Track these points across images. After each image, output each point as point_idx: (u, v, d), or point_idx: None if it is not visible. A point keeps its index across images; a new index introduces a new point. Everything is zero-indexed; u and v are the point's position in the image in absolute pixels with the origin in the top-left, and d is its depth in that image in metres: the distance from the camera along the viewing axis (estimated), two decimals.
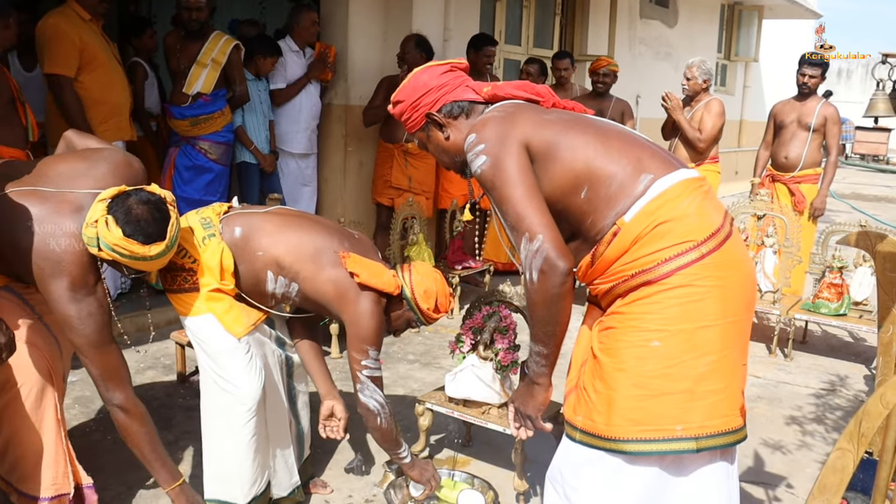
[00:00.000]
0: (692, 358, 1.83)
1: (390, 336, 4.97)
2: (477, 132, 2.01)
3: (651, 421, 1.84)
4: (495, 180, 1.93)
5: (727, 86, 13.28)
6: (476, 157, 1.97)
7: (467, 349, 3.15)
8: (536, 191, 1.90)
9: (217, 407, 2.74)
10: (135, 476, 3.18)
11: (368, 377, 2.72)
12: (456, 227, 5.83)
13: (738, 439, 1.90)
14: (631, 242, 1.88)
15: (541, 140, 1.96)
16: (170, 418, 3.74)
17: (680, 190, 1.88)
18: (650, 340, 1.84)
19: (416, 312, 2.80)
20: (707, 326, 1.83)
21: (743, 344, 1.93)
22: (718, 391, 1.84)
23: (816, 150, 5.91)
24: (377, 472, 3.31)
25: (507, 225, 1.92)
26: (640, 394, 1.85)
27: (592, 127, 2.02)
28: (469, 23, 7.02)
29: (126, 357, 2.71)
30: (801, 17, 13.94)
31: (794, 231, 5.29)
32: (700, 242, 1.84)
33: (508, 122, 1.99)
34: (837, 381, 4.76)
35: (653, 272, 1.85)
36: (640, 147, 1.97)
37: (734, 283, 1.87)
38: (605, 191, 1.91)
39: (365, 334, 2.67)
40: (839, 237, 3.15)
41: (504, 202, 1.91)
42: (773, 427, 4.01)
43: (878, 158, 22.75)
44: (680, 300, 1.83)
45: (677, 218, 1.85)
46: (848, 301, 5.04)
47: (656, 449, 1.84)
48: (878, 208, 12.98)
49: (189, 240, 2.67)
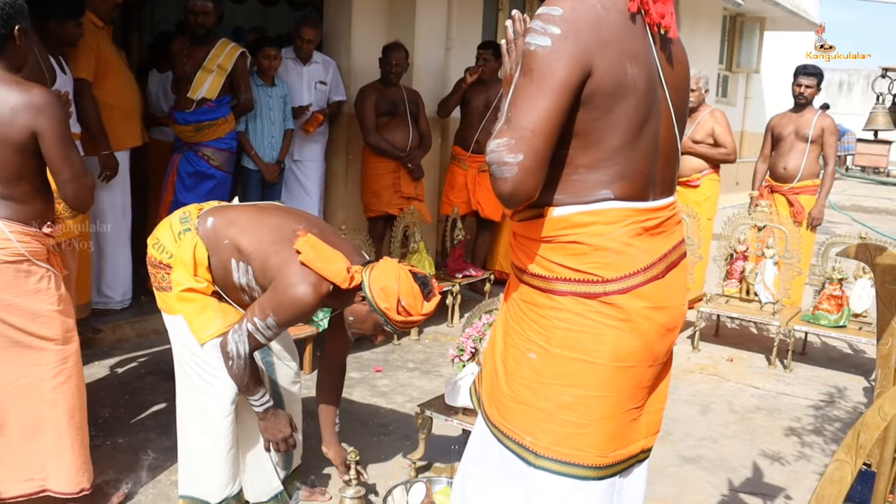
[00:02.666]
0: (560, 384, 1.75)
1: (390, 344, 5.05)
2: (565, 7, 1.65)
3: (508, 420, 1.82)
4: (536, 72, 1.64)
5: (728, 97, 13.30)
6: (544, 30, 1.64)
7: (467, 357, 3.15)
8: (561, 117, 1.64)
9: (192, 405, 2.77)
10: (133, 479, 3.18)
11: (249, 332, 2.59)
12: (457, 235, 5.84)
13: (584, 475, 1.77)
14: (543, 238, 1.76)
15: (607, 88, 1.66)
16: (169, 424, 3.72)
17: (616, 217, 1.72)
18: (529, 350, 1.78)
19: (379, 314, 2.64)
20: (586, 362, 1.73)
21: (636, 391, 1.80)
22: (578, 426, 1.75)
23: (814, 162, 5.96)
24: (375, 478, 3.31)
25: (506, 112, 1.68)
26: (507, 392, 1.82)
27: (644, 112, 1.73)
28: (471, 31, 7.05)
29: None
30: (802, 29, 13.98)
31: (794, 242, 5.30)
32: (606, 280, 1.71)
33: (604, 30, 1.66)
34: (837, 392, 4.76)
35: (550, 283, 1.75)
36: (644, 161, 1.76)
37: (629, 330, 1.73)
38: (574, 174, 1.73)
39: (278, 302, 2.56)
40: (839, 249, 3.16)
41: (523, 96, 1.65)
42: (772, 438, 4.01)
43: (878, 171, 22.74)
44: (566, 325, 1.73)
45: (595, 247, 1.71)
46: (848, 313, 5.04)
47: (506, 443, 1.83)
48: (879, 220, 12.99)
49: (167, 236, 2.73)
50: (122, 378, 4.24)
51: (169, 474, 3.27)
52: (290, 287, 2.55)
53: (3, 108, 2.42)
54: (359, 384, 4.41)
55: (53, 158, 2.49)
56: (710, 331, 5.81)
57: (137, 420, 3.77)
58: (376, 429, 3.82)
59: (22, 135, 2.43)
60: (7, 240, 2.51)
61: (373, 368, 4.66)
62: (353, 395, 4.25)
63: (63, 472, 2.74)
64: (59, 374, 2.69)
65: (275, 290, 2.58)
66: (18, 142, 2.44)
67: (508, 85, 1.76)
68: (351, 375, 4.51)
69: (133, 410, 3.87)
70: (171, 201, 5.13)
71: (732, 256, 5.55)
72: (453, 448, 3.55)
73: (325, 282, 2.58)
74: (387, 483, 3.23)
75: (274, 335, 2.63)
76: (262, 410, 2.73)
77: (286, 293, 2.55)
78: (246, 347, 2.61)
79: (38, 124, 2.43)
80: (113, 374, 4.30)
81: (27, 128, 2.43)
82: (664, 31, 1.75)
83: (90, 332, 4.51)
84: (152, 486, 3.17)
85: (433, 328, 5.57)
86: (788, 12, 12.51)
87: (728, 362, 5.23)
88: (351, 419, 3.92)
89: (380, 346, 5.05)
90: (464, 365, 3.17)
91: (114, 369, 4.37)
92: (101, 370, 4.33)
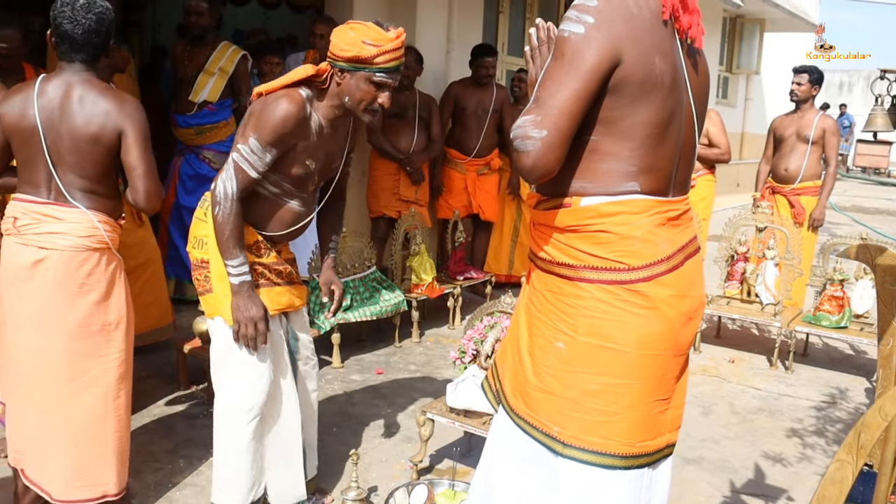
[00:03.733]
0: (587, 372, 1.80)
1: (391, 346, 5.06)
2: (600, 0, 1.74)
3: (535, 410, 1.86)
4: (567, 56, 1.71)
5: (728, 98, 13.31)
6: (578, 18, 1.72)
7: (469, 360, 3.16)
8: (587, 100, 1.73)
9: (219, 412, 2.78)
10: (136, 482, 3.19)
11: (234, 162, 2.53)
12: (457, 238, 5.85)
13: (612, 465, 1.82)
14: (568, 227, 1.82)
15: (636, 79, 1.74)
16: (170, 426, 3.74)
17: (640, 207, 1.80)
18: (556, 339, 1.83)
19: (359, 67, 2.52)
20: (612, 349, 1.79)
21: (662, 381, 1.85)
22: (605, 414, 1.80)
23: (816, 163, 5.96)
24: (377, 480, 3.31)
25: (535, 93, 1.77)
26: (534, 382, 1.86)
27: (670, 109, 1.81)
28: (471, 35, 7.05)
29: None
30: (802, 31, 13.98)
31: (795, 244, 5.30)
32: (632, 268, 1.78)
33: (636, 25, 1.75)
34: (838, 393, 4.77)
35: (576, 272, 1.81)
36: (668, 156, 1.83)
37: (654, 318, 1.80)
38: (603, 164, 1.79)
39: (256, 120, 2.52)
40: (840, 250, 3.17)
41: (553, 78, 1.73)
42: (773, 439, 4.01)
43: (878, 171, 22.78)
44: (593, 313, 1.79)
45: (621, 235, 1.78)
46: (849, 314, 5.04)
47: (533, 434, 1.87)
48: (879, 221, 12.99)
49: (198, 226, 2.76)
50: None
51: (170, 476, 3.27)
52: (265, 104, 2.53)
53: (98, 112, 2.62)
54: (360, 386, 4.41)
55: (132, 154, 2.66)
56: (711, 332, 5.81)
57: (140, 422, 3.77)
58: (378, 430, 3.82)
59: (112, 135, 2.64)
60: (95, 228, 2.70)
61: (374, 370, 4.66)
62: (354, 396, 4.25)
63: (118, 470, 2.83)
64: (123, 362, 2.82)
65: (253, 115, 2.55)
66: (109, 142, 2.65)
67: (532, 87, 1.86)
68: (352, 377, 4.52)
69: (135, 413, 3.87)
70: (172, 204, 5.13)
71: (733, 258, 5.55)
72: (455, 450, 3.56)
73: (296, 90, 2.56)
74: (388, 485, 3.23)
75: (259, 160, 2.54)
76: (238, 282, 2.59)
77: (264, 111, 2.52)
78: (233, 184, 2.54)
79: (125, 125, 2.64)
80: None
81: (116, 129, 2.63)
82: (691, 40, 1.85)
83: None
84: (154, 489, 3.17)
85: (434, 330, 5.57)
86: (788, 13, 12.51)
87: (729, 364, 5.23)
88: (352, 421, 3.92)
89: (381, 349, 5.06)
90: (465, 367, 3.17)
91: None
92: None
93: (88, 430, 2.75)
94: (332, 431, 3.78)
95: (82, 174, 2.66)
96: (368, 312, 4.80)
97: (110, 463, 2.79)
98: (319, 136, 2.67)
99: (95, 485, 2.78)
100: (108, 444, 2.79)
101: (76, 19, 2.58)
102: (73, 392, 2.71)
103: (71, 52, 2.63)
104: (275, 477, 2.90)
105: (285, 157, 2.62)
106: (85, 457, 2.76)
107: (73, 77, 2.64)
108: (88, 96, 2.62)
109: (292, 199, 2.75)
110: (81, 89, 2.62)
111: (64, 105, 2.61)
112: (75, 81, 2.64)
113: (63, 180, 2.66)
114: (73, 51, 2.63)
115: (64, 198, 2.67)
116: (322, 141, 2.69)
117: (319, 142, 2.68)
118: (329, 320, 4.55)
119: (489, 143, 6.28)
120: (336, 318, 4.61)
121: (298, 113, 2.54)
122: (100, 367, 2.75)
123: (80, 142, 2.62)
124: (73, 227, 2.67)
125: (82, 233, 2.67)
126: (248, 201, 2.66)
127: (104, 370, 2.76)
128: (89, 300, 2.71)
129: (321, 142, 2.69)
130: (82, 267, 2.68)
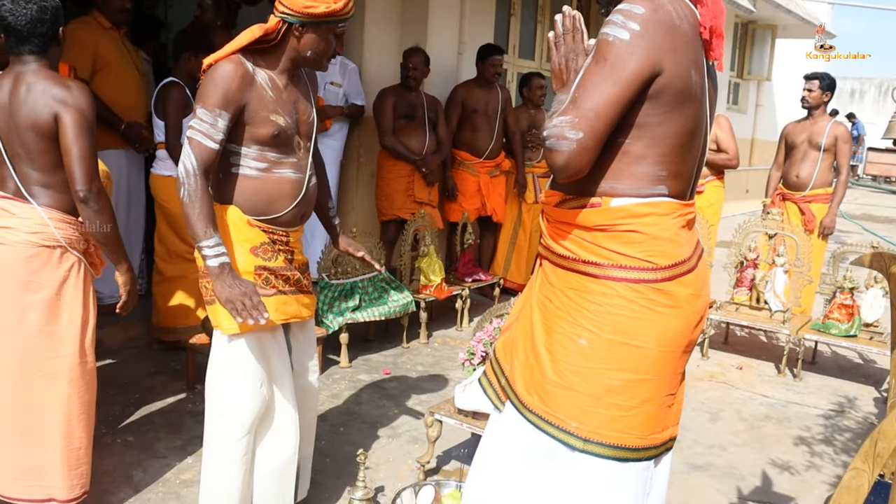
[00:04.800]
0: (609, 369, 1.84)
1: (399, 346, 5.06)
2: (647, 8, 1.76)
3: (553, 406, 1.88)
4: (610, 61, 1.74)
5: (739, 104, 13.29)
6: (624, 24, 1.74)
7: (478, 361, 3.15)
8: (624, 107, 1.76)
9: (211, 426, 2.70)
10: (143, 478, 3.19)
11: (189, 137, 2.43)
12: (466, 240, 5.84)
13: (625, 457, 1.87)
14: (597, 226, 1.86)
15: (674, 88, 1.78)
16: (179, 424, 3.75)
17: (668, 209, 1.86)
18: (579, 336, 1.86)
19: (320, 21, 2.48)
20: (635, 346, 1.84)
21: (674, 376, 1.92)
22: (624, 408, 1.85)
23: (827, 170, 5.94)
24: (384, 480, 3.31)
25: (572, 93, 1.78)
26: (553, 378, 1.89)
27: (698, 120, 1.87)
28: (483, 36, 7.05)
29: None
30: (814, 37, 13.95)
31: (805, 251, 5.28)
32: (660, 267, 1.84)
33: (677, 37, 1.78)
34: (846, 402, 4.74)
35: (604, 270, 1.85)
36: (692, 163, 1.91)
37: (675, 317, 1.87)
38: (635, 167, 1.83)
39: (200, 92, 2.45)
40: (852, 258, 3.15)
41: (593, 81, 1.75)
42: (781, 447, 3.99)
43: (889, 180, 22.70)
44: (619, 311, 1.84)
45: (651, 236, 1.84)
46: (858, 322, 5.02)
47: (548, 430, 1.89)
48: (890, 230, 12.93)
49: None
50: (132, 377, 4.25)
51: (178, 473, 3.28)
52: (204, 79, 2.47)
53: (39, 101, 2.57)
54: (367, 386, 4.41)
55: (66, 137, 2.57)
56: (719, 338, 5.79)
57: (148, 419, 3.78)
58: (385, 430, 3.82)
59: (50, 122, 2.57)
60: (44, 224, 2.64)
61: (381, 371, 4.66)
62: (361, 396, 4.25)
63: (67, 476, 2.73)
64: (76, 365, 2.72)
65: (198, 90, 2.50)
66: (49, 130, 2.58)
67: (556, 77, 1.91)
68: (360, 377, 4.52)
69: (143, 409, 3.88)
70: None
71: (743, 264, 5.54)
72: (463, 451, 3.56)
73: (236, 52, 2.49)
74: (395, 485, 3.23)
75: (211, 127, 2.42)
76: (218, 264, 2.39)
77: (203, 82, 2.47)
78: (192, 160, 2.41)
79: (60, 110, 2.56)
80: (123, 372, 4.31)
81: (52, 115, 2.57)
82: (713, 62, 1.92)
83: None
84: (161, 485, 3.18)
85: (442, 331, 5.57)
86: (800, 20, 12.48)
87: (737, 370, 5.22)
88: (359, 421, 3.92)
89: (389, 349, 5.07)
90: (474, 368, 3.17)
91: (124, 368, 4.38)
92: (112, 368, 4.35)
93: (34, 430, 2.69)
94: (339, 431, 3.78)
95: (35, 167, 2.63)
96: (377, 313, 4.80)
97: (58, 467, 2.72)
98: (275, 90, 2.56)
99: (41, 486, 2.71)
100: (56, 448, 2.71)
101: (17, 11, 2.57)
102: (19, 389, 2.66)
103: (18, 45, 2.61)
104: (264, 498, 2.78)
105: (247, 120, 2.51)
106: (30, 457, 2.70)
107: (23, 69, 2.61)
108: (34, 87, 2.58)
109: (284, 169, 2.61)
110: (28, 81, 2.59)
111: (12, 99, 2.59)
112: (24, 73, 2.61)
113: (19, 175, 2.64)
114: (19, 43, 2.60)
115: (21, 193, 2.64)
116: (279, 94, 2.58)
117: (277, 96, 2.56)
118: (338, 320, 4.55)
119: (499, 145, 6.28)
120: (344, 317, 4.61)
121: (235, 70, 2.45)
122: (48, 369, 2.68)
123: (26, 133, 2.59)
124: (21, 223, 2.63)
125: (30, 229, 2.63)
126: (244, 189, 2.56)
127: (53, 372, 2.69)
128: (36, 298, 2.65)
129: (278, 95, 2.57)
130: (28, 264, 2.64)
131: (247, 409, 2.62)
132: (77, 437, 2.76)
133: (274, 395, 2.72)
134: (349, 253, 3.01)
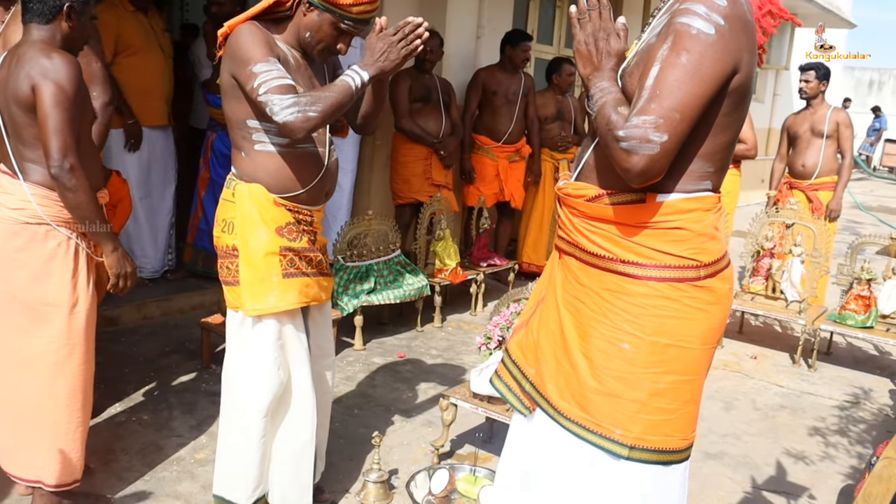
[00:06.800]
0: (654, 372, 1.77)
1: (413, 330, 5.06)
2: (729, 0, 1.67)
3: (594, 413, 1.81)
4: (695, 57, 1.63)
5: (757, 93, 13.17)
6: (708, 16, 1.64)
7: (494, 346, 3.15)
8: (706, 107, 1.67)
9: (231, 404, 2.70)
10: (158, 456, 3.21)
11: (268, 91, 2.35)
12: (482, 224, 5.83)
13: (670, 460, 1.82)
14: (641, 224, 1.76)
15: (744, 87, 1.73)
16: (193, 403, 3.76)
17: (711, 203, 1.79)
18: (621, 341, 1.77)
19: (324, 6, 2.45)
20: (680, 347, 1.77)
21: (706, 373, 1.88)
22: (669, 411, 1.79)
23: (832, 158, 5.96)
24: (398, 463, 3.31)
25: (651, 87, 1.64)
26: (593, 385, 1.80)
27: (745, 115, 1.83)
28: (502, 21, 7.01)
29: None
30: (834, 26, 13.80)
31: (823, 241, 5.25)
32: (703, 265, 1.76)
33: (750, 33, 1.71)
34: (861, 393, 4.72)
35: (644, 270, 1.75)
36: (728, 155, 1.84)
37: (717, 313, 1.81)
38: (686, 164, 1.75)
39: (241, 57, 2.39)
40: (873, 249, 3.12)
41: (677, 77, 1.63)
42: (795, 437, 3.98)
43: None
44: (661, 312, 1.76)
45: (696, 232, 1.76)
46: (875, 314, 4.98)
47: (590, 439, 1.81)
48: None
49: (224, 207, 2.64)
50: (147, 355, 4.27)
51: (193, 451, 3.29)
52: (234, 41, 2.43)
53: (22, 73, 2.48)
54: (381, 369, 4.42)
55: (41, 109, 2.47)
56: (733, 327, 5.77)
57: (162, 398, 3.79)
58: (399, 414, 3.83)
59: (29, 94, 2.48)
60: (27, 201, 2.57)
61: (396, 354, 4.66)
62: (375, 379, 4.26)
63: (57, 461, 2.67)
64: (62, 347, 2.64)
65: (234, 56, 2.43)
66: (29, 102, 2.49)
67: (584, 58, 1.79)
68: (374, 360, 4.53)
69: (158, 388, 3.90)
70: (207, 178, 5.17)
71: (759, 253, 5.51)
72: (478, 436, 3.56)
73: (254, 20, 2.47)
74: (409, 468, 3.23)
75: (277, 69, 2.38)
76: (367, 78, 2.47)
77: (237, 43, 2.41)
78: (284, 100, 2.33)
79: (38, 81, 2.46)
80: (138, 351, 4.33)
81: (31, 86, 2.47)
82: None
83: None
84: (176, 463, 3.20)
85: (456, 316, 5.57)
86: (821, 9, 12.35)
87: (752, 360, 5.19)
88: (373, 403, 3.93)
89: (403, 333, 5.07)
90: (490, 353, 3.16)
91: (139, 347, 4.40)
92: (127, 347, 4.37)
93: (18, 409, 2.65)
94: (353, 413, 3.79)
95: (23, 142, 2.56)
96: (392, 296, 4.80)
97: (45, 450, 2.65)
98: (294, 59, 2.55)
99: (27, 466, 2.68)
100: (40, 430, 2.65)
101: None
102: (3, 366, 2.64)
103: (24, 14, 2.56)
104: (281, 481, 2.78)
105: None
106: (15, 435, 2.67)
107: (26, 40, 2.55)
108: (21, 58, 2.50)
109: (305, 143, 2.58)
110: (20, 52, 2.52)
111: (6, 72, 2.54)
112: (21, 45, 2.55)
113: (14, 150, 2.59)
114: (25, 13, 2.56)
115: (14, 168, 2.59)
116: (298, 65, 2.56)
117: (296, 65, 2.54)
118: (352, 302, 4.55)
119: (519, 130, 6.25)
120: (359, 300, 4.61)
121: (259, 30, 2.44)
122: (34, 349, 2.61)
123: (13, 106, 2.52)
124: (6, 199, 2.59)
125: (13, 205, 2.58)
126: (268, 166, 2.55)
127: (39, 352, 2.62)
128: (22, 275, 2.59)
129: (297, 68, 2.55)
130: (13, 241, 2.59)
131: (265, 390, 2.62)
132: (63, 423, 2.67)
133: (291, 379, 2.72)
134: None
